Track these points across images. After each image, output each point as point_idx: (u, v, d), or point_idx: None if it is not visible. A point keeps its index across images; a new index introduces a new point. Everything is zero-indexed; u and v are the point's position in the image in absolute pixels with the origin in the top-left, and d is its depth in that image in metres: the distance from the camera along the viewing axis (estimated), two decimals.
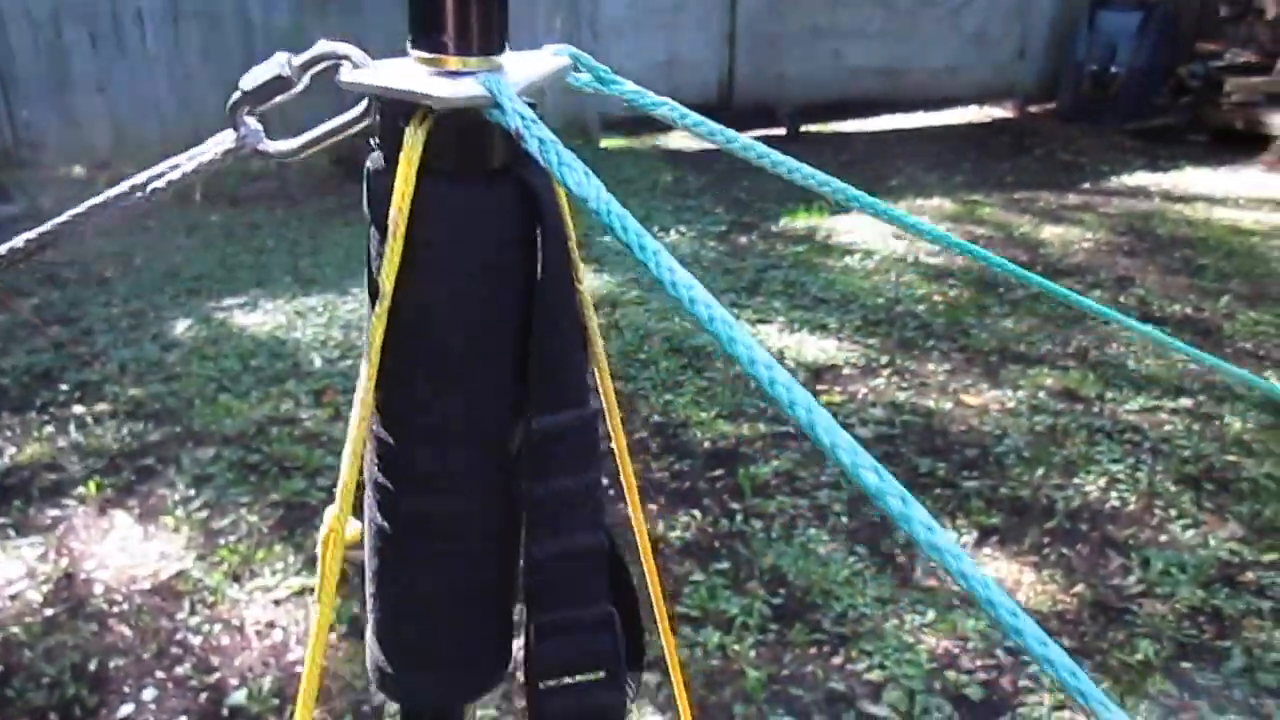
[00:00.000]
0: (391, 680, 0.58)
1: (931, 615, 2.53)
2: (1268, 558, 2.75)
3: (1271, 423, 3.47)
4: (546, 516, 0.50)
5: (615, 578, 0.55)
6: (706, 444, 3.35)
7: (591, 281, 4.77)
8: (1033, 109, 8.75)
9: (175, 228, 5.52)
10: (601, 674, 0.50)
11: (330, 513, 0.54)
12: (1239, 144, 7.05)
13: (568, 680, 0.49)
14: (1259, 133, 6.96)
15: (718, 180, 6.64)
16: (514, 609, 0.58)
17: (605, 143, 7.51)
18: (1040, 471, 3.18)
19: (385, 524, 0.55)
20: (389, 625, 0.57)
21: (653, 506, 3.01)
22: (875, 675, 2.34)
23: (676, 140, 7.95)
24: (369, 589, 0.57)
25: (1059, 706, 2.24)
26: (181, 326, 4.28)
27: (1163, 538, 2.85)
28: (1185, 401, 3.62)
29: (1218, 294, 4.60)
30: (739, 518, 2.94)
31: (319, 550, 0.54)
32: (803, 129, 8.04)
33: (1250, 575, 2.69)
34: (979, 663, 2.38)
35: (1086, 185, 6.50)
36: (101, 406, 3.57)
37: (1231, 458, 3.25)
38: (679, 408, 3.57)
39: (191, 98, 6.24)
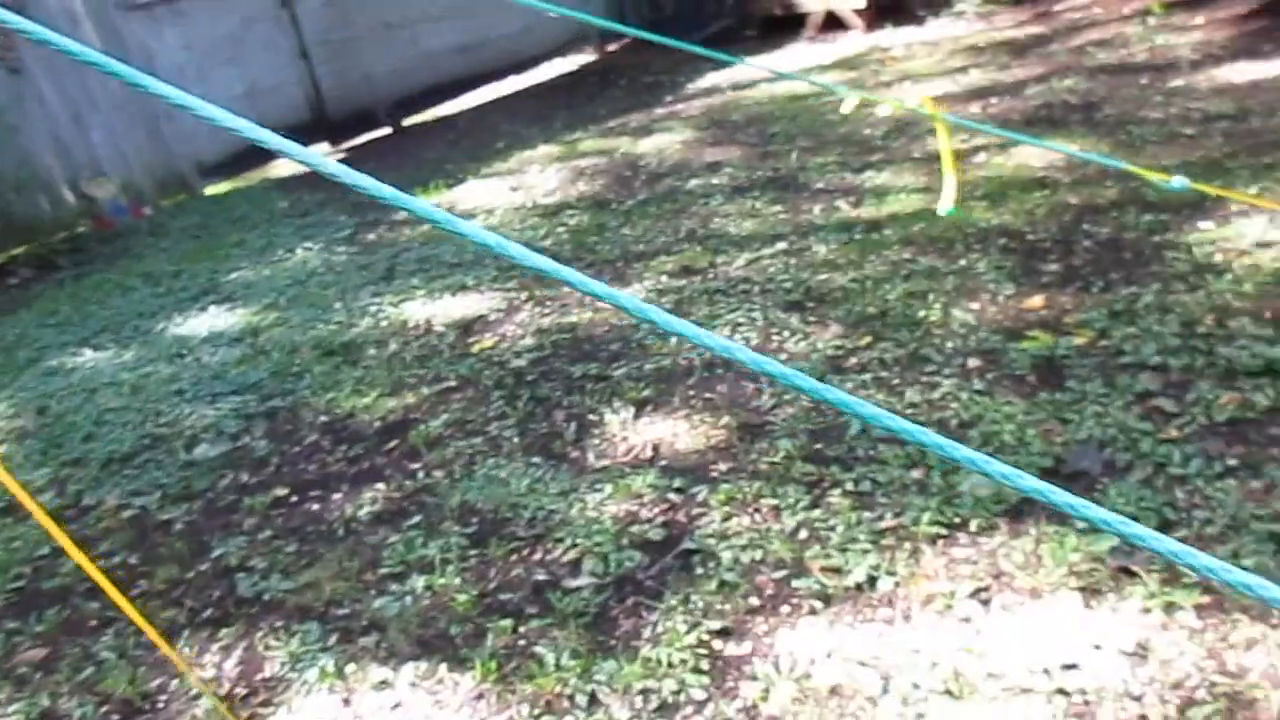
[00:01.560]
0: None
1: (609, 489, 2.75)
2: (863, 342, 3.20)
3: (847, 239, 4.00)
4: None
5: None
6: (376, 423, 3.39)
7: (227, 319, 4.63)
8: (611, 47, 9.31)
9: None
10: None
11: None
12: (784, 27, 7.89)
13: None
14: (796, 13, 7.83)
15: (334, 192, 6.57)
16: None
17: (209, 190, 7.20)
18: (675, 341, 3.49)
19: None
20: None
21: (337, 495, 3.02)
22: (571, 555, 2.52)
23: (287, 167, 7.77)
24: None
25: (727, 518, 2.53)
26: None
27: (782, 355, 3.24)
28: (780, 245, 4.09)
29: (788, 153, 5.19)
30: (421, 475, 3.02)
31: None
32: (406, 122, 8.10)
33: (853, 359, 3.12)
34: (656, 510, 2.63)
35: (669, 98, 7.05)
36: None
37: (823, 276, 3.73)
38: (342, 401, 3.58)
39: None
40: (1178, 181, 2.12)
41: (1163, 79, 4.89)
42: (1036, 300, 3.20)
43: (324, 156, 0.85)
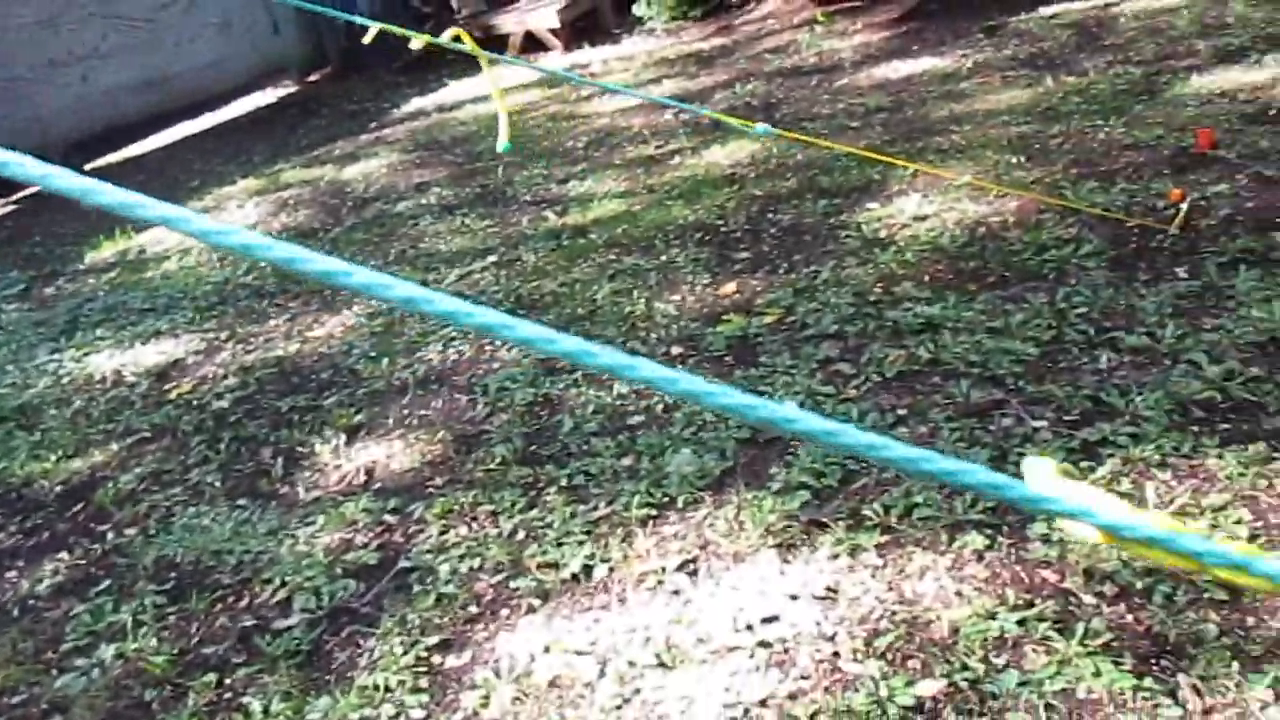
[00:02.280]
0: None
1: (322, 520, 2.62)
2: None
3: (555, 246, 4.04)
4: None
5: None
6: (58, 488, 3.07)
7: None
8: (312, 78, 8.99)
9: None
10: None
11: None
12: (485, 50, 7.90)
13: None
14: (496, 35, 7.87)
15: (3, 244, 5.94)
16: None
17: None
18: (387, 362, 3.39)
19: None
20: None
21: (11, 574, 2.70)
22: (281, 594, 2.37)
23: None
24: None
25: (444, 531, 2.47)
26: None
27: (495, 365, 3.22)
28: (491, 259, 4.08)
29: (495, 169, 5.20)
30: (110, 536, 2.75)
31: None
32: (88, 166, 7.44)
33: (564, 362, 3.14)
34: (371, 534, 2.53)
35: (374, 125, 6.89)
36: None
37: (533, 284, 3.74)
38: (15, 470, 3.21)
39: None
40: (761, 128, 2.33)
41: (830, 79, 5.30)
42: (730, 286, 3.36)
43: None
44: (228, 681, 2.14)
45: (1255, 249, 2.76)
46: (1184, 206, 3.03)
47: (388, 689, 2.01)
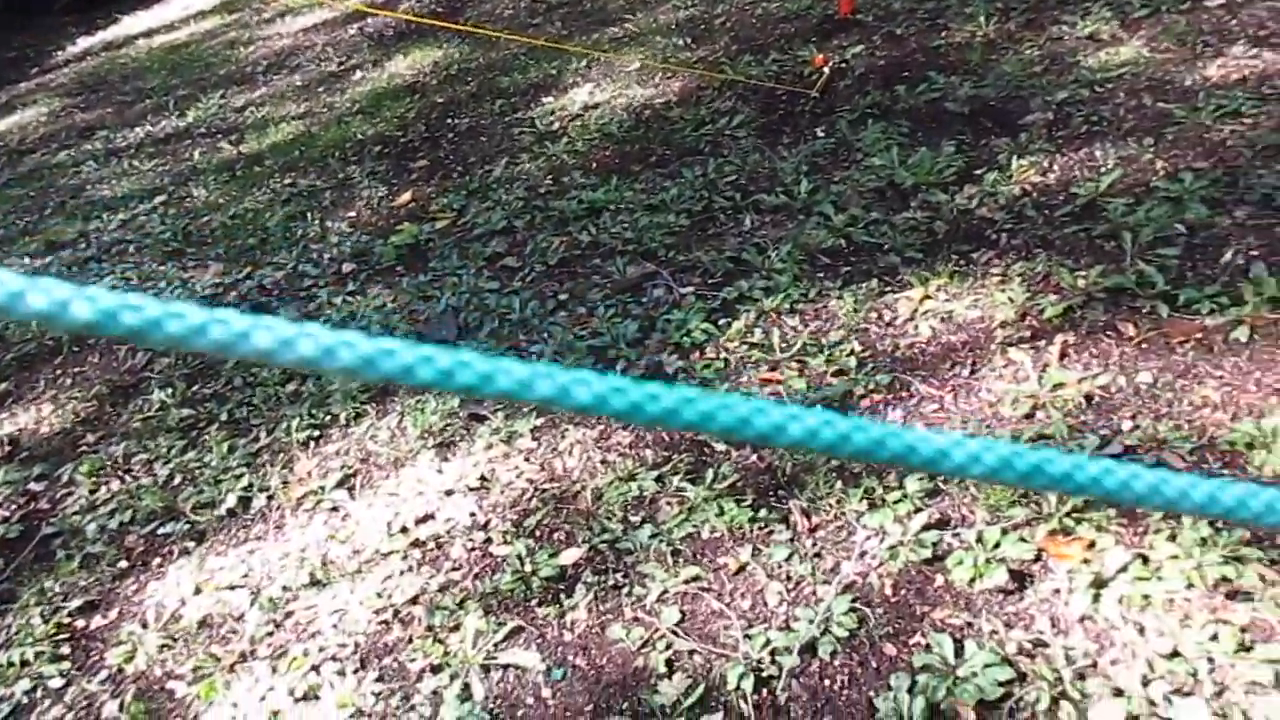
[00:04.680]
0: None
1: None
2: (243, 274, 3.05)
3: (228, 178, 3.79)
4: None
5: None
6: None
7: None
8: None
9: None
10: None
11: None
12: None
13: None
14: None
15: None
16: None
17: None
18: (38, 322, 3.09)
19: None
20: None
21: None
22: None
23: None
24: None
25: (95, 489, 2.29)
26: None
27: None
28: (159, 199, 3.77)
29: (168, 104, 4.80)
30: None
31: None
32: None
33: (232, 293, 2.97)
34: (14, 506, 2.32)
35: (34, 71, 6.21)
36: None
37: (203, 219, 3.50)
38: None
39: None
40: None
41: None
42: (406, 196, 3.26)
43: None
44: None
45: (881, 103, 2.92)
46: (826, 70, 3.17)
47: (24, 663, 1.86)
